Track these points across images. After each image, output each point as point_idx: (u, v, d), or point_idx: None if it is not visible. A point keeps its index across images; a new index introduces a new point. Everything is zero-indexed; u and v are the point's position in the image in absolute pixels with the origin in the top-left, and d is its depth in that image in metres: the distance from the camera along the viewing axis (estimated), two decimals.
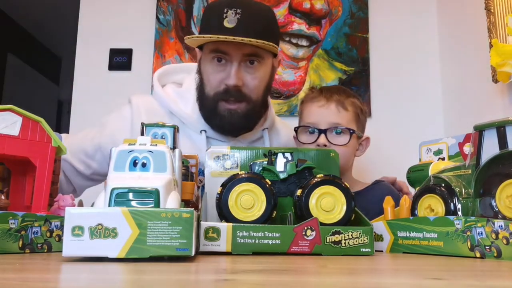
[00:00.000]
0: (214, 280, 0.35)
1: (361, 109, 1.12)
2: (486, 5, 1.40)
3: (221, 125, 0.99)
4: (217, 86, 0.97)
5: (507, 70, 1.15)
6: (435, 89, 1.85)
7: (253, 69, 0.97)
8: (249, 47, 0.93)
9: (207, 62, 0.98)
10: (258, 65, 0.97)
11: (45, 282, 0.33)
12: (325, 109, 1.07)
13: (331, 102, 1.08)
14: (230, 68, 0.95)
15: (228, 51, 0.94)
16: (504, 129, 0.53)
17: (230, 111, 0.97)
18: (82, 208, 0.47)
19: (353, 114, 1.09)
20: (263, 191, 0.59)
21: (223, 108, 0.97)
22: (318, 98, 1.09)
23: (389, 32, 1.90)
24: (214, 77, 0.97)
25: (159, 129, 0.63)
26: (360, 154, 1.16)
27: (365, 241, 0.57)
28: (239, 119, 0.98)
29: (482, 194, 0.55)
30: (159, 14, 1.91)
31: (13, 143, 0.55)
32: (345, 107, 1.07)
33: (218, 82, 0.96)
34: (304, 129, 1.09)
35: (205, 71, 0.99)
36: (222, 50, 0.94)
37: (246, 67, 0.96)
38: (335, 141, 1.04)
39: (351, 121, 1.08)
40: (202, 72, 1.01)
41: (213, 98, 0.97)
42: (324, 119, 1.06)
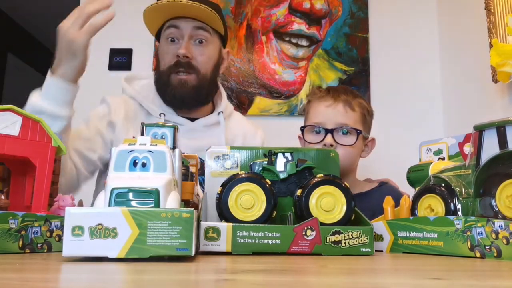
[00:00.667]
0: (214, 280, 0.35)
1: (368, 110, 1.12)
2: (486, 5, 1.40)
3: (173, 95, 1.09)
4: (170, 60, 1.09)
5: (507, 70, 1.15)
6: (435, 89, 1.85)
7: (202, 46, 1.10)
8: (198, 21, 1.08)
9: (163, 43, 1.12)
10: (206, 43, 1.10)
11: (45, 282, 0.33)
12: (333, 109, 1.07)
13: (338, 102, 1.07)
14: (182, 43, 1.08)
15: (179, 25, 1.08)
16: (504, 129, 0.53)
17: (180, 81, 1.08)
18: (82, 208, 0.47)
19: (360, 115, 1.08)
20: (263, 191, 0.59)
21: (174, 79, 1.08)
22: (325, 98, 1.09)
23: (389, 32, 1.90)
24: (167, 52, 1.10)
25: (159, 129, 0.63)
26: (365, 155, 1.15)
27: (365, 241, 0.57)
28: (189, 89, 1.08)
29: (482, 194, 0.55)
30: None
31: (13, 143, 0.55)
32: (352, 108, 1.07)
33: (171, 57, 1.08)
34: (311, 129, 1.09)
35: (161, 52, 1.12)
36: (174, 24, 1.09)
37: (195, 45, 1.09)
38: (342, 141, 1.04)
39: (358, 122, 1.08)
40: (159, 54, 1.14)
41: (167, 71, 1.09)
42: (331, 119, 1.06)
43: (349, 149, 1.04)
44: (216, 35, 1.13)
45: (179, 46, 1.08)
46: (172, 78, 1.08)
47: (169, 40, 1.10)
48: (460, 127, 1.57)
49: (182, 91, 1.08)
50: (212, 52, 1.12)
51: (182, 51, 1.06)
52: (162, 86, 1.11)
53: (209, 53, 1.11)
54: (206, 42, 1.10)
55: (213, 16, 1.06)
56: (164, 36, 1.11)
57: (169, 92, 1.09)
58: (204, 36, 1.09)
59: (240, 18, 1.91)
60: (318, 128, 1.06)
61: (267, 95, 1.86)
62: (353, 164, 1.10)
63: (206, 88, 1.12)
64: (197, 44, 1.09)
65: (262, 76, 1.87)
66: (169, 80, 1.08)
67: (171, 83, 1.08)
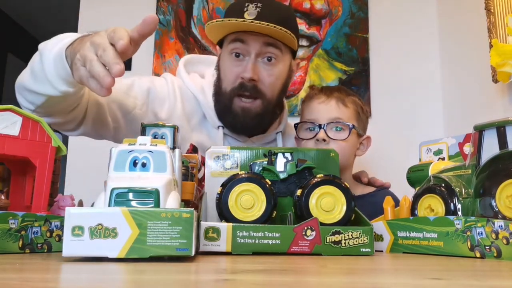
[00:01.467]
0: (214, 280, 0.35)
1: (362, 108, 1.12)
2: (486, 5, 1.40)
3: (234, 124, 0.99)
4: (233, 81, 0.97)
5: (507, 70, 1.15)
6: (435, 89, 1.85)
7: (270, 65, 0.97)
8: (268, 37, 0.94)
9: (226, 57, 0.99)
10: (276, 62, 0.97)
11: (45, 282, 0.33)
12: (325, 105, 1.07)
13: (331, 98, 1.08)
14: (247, 62, 0.95)
15: (246, 40, 0.95)
16: (504, 129, 0.53)
17: (243, 109, 0.97)
18: (82, 208, 0.47)
19: (353, 112, 1.09)
20: (263, 191, 0.59)
21: (237, 105, 0.97)
22: (319, 96, 1.09)
23: (389, 32, 1.90)
24: (231, 71, 0.97)
25: (159, 129, 0.63)
26: (361, 153, 1.15)
27: (365, 241, 0.57)
28: (252, 118, 0.97)
29: (482, 194, 0.55)
30: (159, 14, 1.91)
31: (13, 143, 0.55)
32: (345, 104, 1.07)
33: (235, 77, 0.96)
34: (304, 125, 1.09)
35: (223, 67, 1.00)
36: (241, 38, 0.95)
37: (263, 63, 0.96)
38: (335, 136, 1.04)
39: (352, 118, 1.08)
40: (220, 68, 1.01)
41: (229, 94, 0.97)
42: (324, 115, 1.06)
43: (342, 144, 1.04)
44: (287, 50, 1.00)
45: (245, 65, 0.95)
46: (235, 104, 0.97)
47: (233, 55, 0.97)
48: (460, 127, 1.57)
49: (244, 120, 0.97)
50: (282, 70, 0.99)
51: (248, 75, 0.94)
52: (223, 109, 1.00)
53: (278, 73, 0.98)
54: (276, 60, 0.97)
55: (288, 36, 0.93)
56: (228, 49, 0.98)
57: (230, 119, 0.99)
58: (274, 54, 0.96)
59: None
60: (312, 124, 1.06)
61: None
62: (347, 160, 1.10)
63: (271, 113, 1.02)
64: (265, 63, 0.96)
65: None
66: (231, 105, 0.97)
67: (233, 110, 0.97)
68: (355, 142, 1.10)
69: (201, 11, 1.91)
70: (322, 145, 1.03)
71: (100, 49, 0.65)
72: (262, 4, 0.94)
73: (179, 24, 1.91)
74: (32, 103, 0.85)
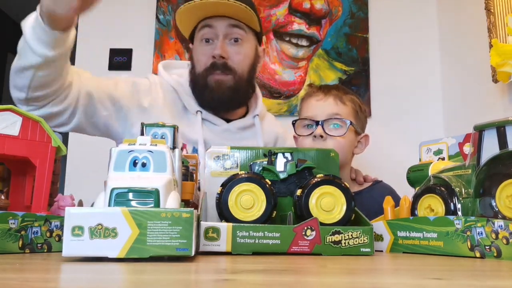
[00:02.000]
0: (214, 280, 0.35)
1: (360, 107, 1.12)
2: (486, 5, 1.40)
3: (211, 97, 1.07)
4: (205, 62, 1.07)
5: (507, 70, 1.15)
6: (435, 89, 1.85)
7: (237, 45, 1.08)
8: (232, 19, 1.06)
9: (197, 45, 1.10)
10: (242, 42, 1.08)
11: (45, 282, 0.33)
12: (323, 102, 1.08)
13: (329, 96, 1.09)
14: (216, 44, 1.06)
15: (213, 24, 1.06)
16: (504, 129, 0.53)
17: (217, 81, 1.06)
18: (82, 208, 0.47)
19: (351, 109, 1.09)
20: (263, 191, 0.59)
21: (212, 80, 1.06)
22: (317, 93, 1.11)
23: (389, 32, 1.90)
24: (203, 54, 1.08)
25: (159, 129, 0.63)
26: (359, 151, 1.15)
27: (365, 241, 0.57)
28: (227, 90, 1.06)
29: (482, 194, 0.55)
30: (159, 14, 1.91)
31: (13, 143, 0.55)
32: (343, 102, 1.08)
33: (206, 58, 1.07)
34: (302, 122, 1.09)
35: (196, 54, 1.10)
36: (208, 24, 1.07)
37: (230, 44, 1.07)
38: (332, 132, 1.04)
39: (350, 115, 1.08)
40: (194, 57, 1.12)
41: (203, 74, 1.07)
42: (321, 111, 1.06)
43: (340, 141, 1.04)
44: (251, 32, 1.10)
45: (214, 46, 1.06)
46: (210, 79, 1.06)
47: (203, 41, 1.08)
48: (460, 127, 1.57)
49: (219, 92, 1.06)
50: (248, 50, 1.10)
51: (217, 52, 1.04)
52: (199, 89, 1.09)
53: (245, 52, 1.09)
54: (242, 40, 1.08)
55: (248, 12, 1.04)
56: (198, 37, 1.09)
57: (207, 95, 1.07)
58: (239, 34, 1.07)
59: None
60: (309, 121, 1.07)
61: (267, 95, 1.86)
62: (345, 157, 1.09)
63: (243, 89, 1.10)
64: (233, 43, 1.07)
65: (262, 76, 1.87)
66: (206, 82, 1.06)
67: (208, 85, 1.06)
68: (353, 139, 1.10)
69: None
70: (319, 142, 1.03)
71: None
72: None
73: None
74: (22, 87, 0.90)
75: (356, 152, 1.14)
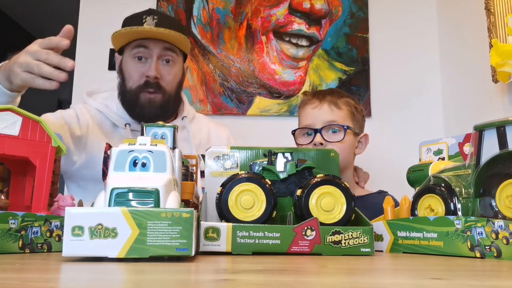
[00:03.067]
0: (214, 280, 0.35)
1: (356, 108, 1.14)
2: (486, 5, 1.40)
3: (142, 114, 1.12)
4: (138, 80, 1.12)
5: (507, 70, 1.15)
6: (435, 89, 1.85)
7: (169, 66, 1.14)
8: (166, 43, 1.11)
9: (129, 61, 1.14)
10: (173, 63, 1.15)
11: (45, 282, 0.33)
12: (319, 110, 1.11)
13: (324, 102, 1.11)
14: (150, 63, 1.11)
15: (149, 46, 1.11)
16: (504, 129, 0.53)
17: (149, 100, 1.12)
18: (82, 208, 0.47)
19: (347, 112, 1.11)
20: (263, 191, 0.59)
21: (144, 97, 1.12)
22: (312, 101, 1.13)
23: (389, 32, 1.90)
24: (136, 71, 1.12)
25: (159, 129, 0.63)
26: (360, 151, 1.16)
27: (365, 241, 0.57)
28: (156, 108, 1.12)
29: (482, 194, 0.55)
30: None
31: (13, 143, 0.55)
32: (338, 106, 1.10)
33: (139, 76, 1.12)
34: (301, 132, 1.13)
35: (127, 69, 1.14)
36: (144, 44, 1.11)
37: (163, 65, 1.13)
38: (331, 138, 1.06)
39: (346, 119, 1.10)
40: (124, 71, 1.16)
41: (135, 91, 1.12)
42: (318, 119, 1.09)
43: (339, 146, 1.05)
44: (181, 54, 1.18)
45: (148, 66, 1.11)
46: (142, 97, 1.11)
47: (136, 59, 1.13)
48: (460, 127, 1.57)
49: (150, 110, 1.12)
50: (178, 71, 1.17)
51: (152, 73, 1.10)
52: (130, 104, 1.14)
53: (175, 73, 1.15)
54: (173, 62, 1.14)
55: (182, 39, 1.10)
56: (131, 54, 1.13)
57: (138, 112, 1.13)
58: (171, 56, 1.14)
59: (240, 18, 1.91)
60: (308, 129, 1.09)
61: (267, 95, 1.86)
62: (347, 160, 1.11)
63: (172, 104, 1.17)
64: (165, 64, 1.13)
65: (262, 76, 1.87)
66: (138, 99, 1.12)
67: (140, 102, 1.12)
68: (353, 141, 1.11)
69: (201, 11, 1.91)
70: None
71: (42, 54, 0.84)
72: (158, 16, 1.12)
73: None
74: None
75: (357, 153, 1.15)
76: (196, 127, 1.26)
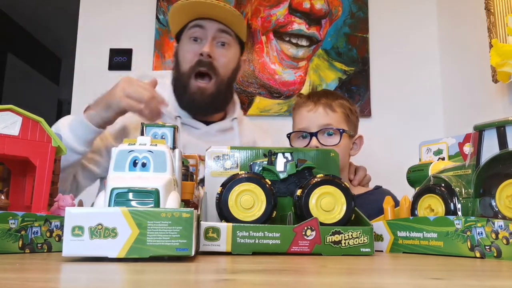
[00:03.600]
0: (214, 280, 0.35)
1: (350, 109, 1.14)
2: (486, 5, 1.40)
3: (191, 102, 1.11)
4: (191, 59, 1.09)
5: (507, 70, 1.15)
6: (435, 89, 1.85)
7: (224, 49, 1.12)
8: (222, 24, 1.09)
9: (185, 42, 1.13)
10: (228, 46, 1.12)
11: (45, 282, 0.33)
12: (314, 113, 1.11)
13: (319, 105, 1.11)
14: (205, 42, 1.09)
15: (204, 25, 1.10)
16: (504, 129, 0.53)
17: (199, 88, 1.09)
18: (82, 208, 0.47)
19: (342, 115, 1.11)
20: (263, 191, 0.59)
21: (194, 85, 1.09)
22: (307, 103, 1.13)
23: (389, 32, 1.90)
24: (190, 51, 1.11)
25: (159, 129, 0.63)
26: (355, 153, 1.17)
27: (365, 241, 0.57)
28: (207, 97, 1.09)
29: (482, 194, 0.55)
30: (159, 14, 1.91)
31: (13, 143, 0.55)
32: (333, 109, 1.10)
33: (193, 55, 1.09)
34: (297, 135, 1.13)
35: (182, 51, 1.13)
36: (199, 24, 1.10)
37: (218, 46, 1.11)
38: (327, 142, 1.06)
39: (341, 122, 1.10)
40: (179, 53, 1.14)
41: (187, 72, 1.09)
42: (313, 123, 1.09)
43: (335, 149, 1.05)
44: (237, 40, 1.15)
45: (202, 45, 1.09)
46: (192, 85, 1.09)
47: (192, 39, 1.11)
48: (460, 127, 1.57)
49: (200, 99, 1.09)
50: (233, 55, 1.14)
51: (206, 50, 1.07)
52: (180, 90, 1.12)
53: (230, 56, 1.12)
54: (228, 45, 1.12)
55: (238, 19, 1.09)
56: (187, 35, 1.12)
57: (187, 98, 1.11)
58: (227, 39, 1.11)
59: None
60: (303, 133, 1.09)
61: (267, 95, 1.86)
62: (342, 162, 1.11)
63: (223, 95, 1.13)
64: (219, 46, 1.11)
65: (262, 76, 1.87)
66: (188, 85, 1.09)
67: (189, 89, 1.09)
68: (348, 143, 1.12)
69: None
70: None
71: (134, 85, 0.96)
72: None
73: None
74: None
75: (352, 154, 1.16)
76: (244, 132, 1.22)
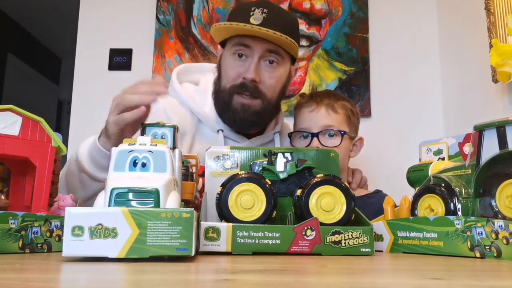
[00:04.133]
0: (214, 280, 0.35)
1: (352, 111, 1.14)
2: (486, 5, 1.40)
3: (233, 119, 1.01)
4: (234, 80, 0.99)
5: (507, 70, 1.15)
6: (435, 89, 1.85)
7: (272, 68, 0.99)
8: (271, 44, 0.96)
9: (228, 57, 1.01)
10: (277, 65, 1.00)
11: (45, 282, 0.33)
12: (316, 113, 1.10)
13: (321, 106, 1.10)
14: (250, 63, 0.97)
15: (251, 45, 0.97)
16: (504, 129, 0.53)
17: (243, 105, 0.99)
18: (82, 208, 0.46)
19: (344, 116, 1.11)
20: (263, 191, 0.59)
21: (237, 101, 0.99)
22: (309, 103, 1.12)
23: (389, 32, 1.90)
24: (232, 70, 1.00)
25: (159, 129, 0.63)
26: (354, 154, 1.17)
27: (365, 241, 0.57)
28: (251, 115, 1.00)
29: (482, 194, 0.55)
30: (159, 14, 1.91)
31: (13, 143, 0.55)
32: (335, 110, 1.10)
33: (236, 76, 0.99)
34: (298, 134, 1.12)
35: (225, 65, 1.02)
36: (245, 43, 0.98)
37: (265, 66, 0.99)
38: (328, 143, 1.06)
39: (343, 123, 1.10)
40: (222, 67, 1.03)
41: (229, 91, 1.00)
42: (315, 123, 1.09)
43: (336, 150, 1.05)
44: (288, 56, 1.03)
45: (248, 66, 0.97)
46: (235, 100, 0.99)
47: (236, 55, 0.99)
48: (460, 127, 1.57)
49: (243, 116, 0.99)
50: (282, 74, 1.02)
51: (250, 76, 0.96)
52: (222, 105, 1.02)
53: (279, 76, 1.01)
54: (277, 64, 1.00)
55: (289, 43, 0.95)
56: (231, 50, 1.00)
57: (229, 116, 1.01)
58: (276, 58, 0.99)
59: None
60: (305, 133, 1.09)
61: None
62: (342, 164, 1.11)
63: (269, 113, 1.04)
64: (267, 65, 0.99)
65: None
66: (231, 101, 0.99)
67: (232, 106, 0.99)
68: (348, 145, 1.12)
69: (201, 11, 1.91)
70: None
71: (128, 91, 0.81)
72: (268, 10, 0.95)
73: (179, 24, 1.90)
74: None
75: (352, 156, 1.16)
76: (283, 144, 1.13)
